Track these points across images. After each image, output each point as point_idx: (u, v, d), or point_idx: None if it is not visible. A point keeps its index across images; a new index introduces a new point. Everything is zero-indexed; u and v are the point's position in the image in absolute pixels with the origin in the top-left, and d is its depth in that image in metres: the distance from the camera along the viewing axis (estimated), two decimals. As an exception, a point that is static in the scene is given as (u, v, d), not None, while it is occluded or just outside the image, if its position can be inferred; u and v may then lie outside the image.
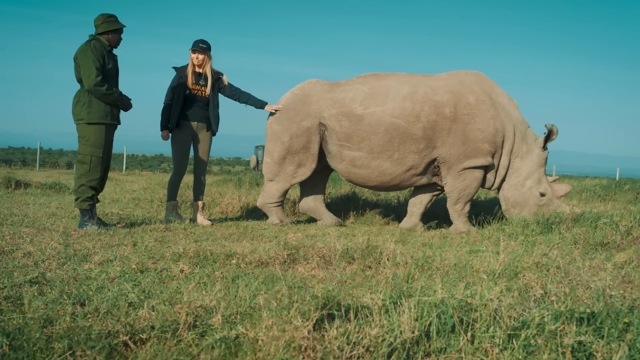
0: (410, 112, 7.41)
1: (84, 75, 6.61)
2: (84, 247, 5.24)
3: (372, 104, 7.52)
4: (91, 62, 6.60)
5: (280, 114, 7.88)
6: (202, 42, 7.72)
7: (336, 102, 7.66)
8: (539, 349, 2.43)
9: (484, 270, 4.38)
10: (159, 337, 2.68)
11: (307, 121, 7.73)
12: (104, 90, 6.63)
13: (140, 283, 3.90)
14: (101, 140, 6.74)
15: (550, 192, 7.63)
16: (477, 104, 7.48)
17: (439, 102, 7.45)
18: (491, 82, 7.89)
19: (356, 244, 5.22)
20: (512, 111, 7.73)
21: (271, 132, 7.92)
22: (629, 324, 2.57)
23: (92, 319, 2.94)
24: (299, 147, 7.74)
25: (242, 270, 4.44)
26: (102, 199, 10.62)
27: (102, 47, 6.73)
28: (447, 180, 7.61)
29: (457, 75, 7.88)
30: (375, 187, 7.92)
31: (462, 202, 7.67)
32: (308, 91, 7.93)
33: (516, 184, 7.67)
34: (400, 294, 2.97)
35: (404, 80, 7.74)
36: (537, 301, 3.33)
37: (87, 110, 6.68)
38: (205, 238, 6.21)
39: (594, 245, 5.65)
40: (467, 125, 7.40)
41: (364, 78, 7.91)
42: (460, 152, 7.41)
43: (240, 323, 2.78)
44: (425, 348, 2.53)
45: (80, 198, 6.73)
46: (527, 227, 6.71)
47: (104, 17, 6.84)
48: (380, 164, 7.53)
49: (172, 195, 7.82)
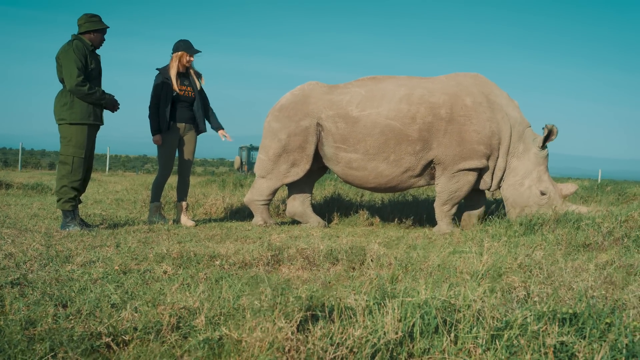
0: (405, 114, 7.44)
1: (66, 75, 6.56)
2: (66, 249, 5.20)
3: (368, 106, 7.57)
4: (73, 62, 6.54)
5: (280, 113, 7.93)
6: (191, 44, 7.71)
7: (333, 104, 7.72)
8: (521, 349, 2.44)
9: (468, 271, 4.40)
10: (142, 339, 2.66)
11: (306, 121, 7.76)
12: (85, 90, 6.57)
13: (123, 284, 3.88)
14: (83, 141, 6.68)
15: (552, 191, 7.52)
16: (473, 105, 7.48)
17: (435, 103, 7.47)
18: (490, 83, 7.90)
19: (340, 245, 5.22)
20: (511, 111, 7.71)
21: (269, 130, 7.95)
22: (611, 325, 2.59)
23: (74, 320, 2.92)
24: (295, 146, 7.76)
25: (226, 271, 4.43)
26: (85, 200, 10.56)
27: (84, 47, 6.68)
28: (440, 180, 7.62)
29: (456, 77, 7.90)
30: (373, 188, 7.95)
31: (450, 204, 7.68)
32: (307, 92, 7.98)
33: (514, 183, 7.63)
34: (384, 295, 2.97)
35: (401, 83, 7.79)
36: (520, 302, 3.35)
37: (69, 110, 6.62)
38: (188, 239, 6.19)
39: (577, 246, 5.69)
40: (463, 126, 7.40)
41: (362, 81, 7.98)
42: (455, 153, 7.42)
43: (224, 324, 2.78)
44: (409, 349, 2.53)
45: (62, 199, 6.67)
46: (510, 228, 6.75)
47: (87, 16, 6.78)
48: (376, 165, 7.56)
49: (156, 197, 7.80)
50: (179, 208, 7.84)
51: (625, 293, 3.46)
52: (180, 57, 7.67)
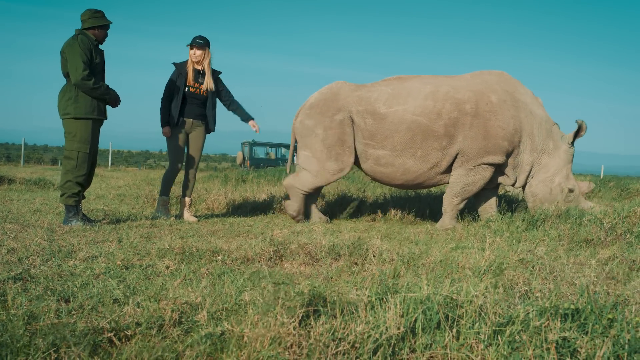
0: (431, 110, 7.52)
1: (71, 69, 6.56)
2: (68, 244, 5.20)
3: (395, 103, 7.65)
4: (78, 56, 6.55)
5: (311, 110, 7.95)
6: (199, 37, 7.72)
7: (362, 100, 7.79)
8: (523, 345, 2.44)
9: (470, 266, 4.40)
10: (144, 334, 2.66)
11: (339, 115, 7.79)
12: (91, 85, 6.57)
13: (125, 279, 3.88)
14: (88, 136, 6.69)
15: (577, 188, 7.71)
16: (498, 102, 7.57)
17: (460, 99, 7.56)
18: (515, 81, 7.98)
19: (342, 241, 5.22)
20: (536, 109, 7.80)
21: (304, 128, 7.95)
22: (613, 320, 2.59)
23: (76, 315, 2.93)
24: (334, 140, 7.76)
25: (228, 266, 4.43)
26: (88, 195, 10.56)
27: (89, 42, 6.68)
28: (457, 172, 7.65)
29: (480, 75, 8.01)
30: (400, 185, 8.00)
31: (460, 197, 7.72)
32: (336, 90, 8.04)
33: (545, 179, 7.74)
34: (386, 290, 2.97)
35: (427, 81, 7.88)
36: (522, 297, 3.35)
37: (74, 105, 6.63)
38: (191, 234, 6.19)
39: (579, 242, 5.69)
40: (489, 121, 7.48)
41: (388, 81, 8.07)
42: (481, 146, 7.48)
43: (226, 319, 2.78)
44: (411, 344, 2.53)
45: (66, 194, 6.68)
46: (512, 223, 6.74)
47: (91, 12, 6.78)
48: (404, 161, 7.62)
49: (165, 191, 7.83)
50: (183, 204, 7.85)
51: (627, 289, 3.45)
52: (189, 51, 7.73)
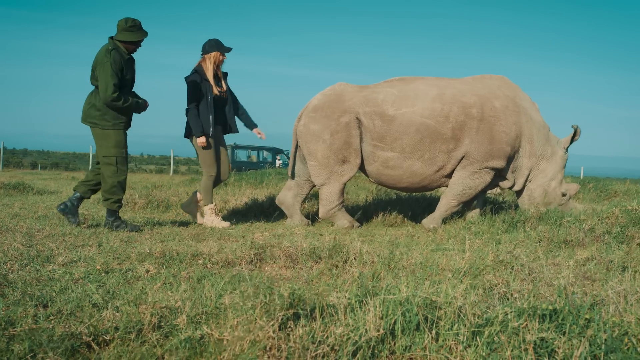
0: (439, 113, 7.58)
1: (101, 88, 6.61)
2: (47, 248, 5.16)
3: (403, 105, 7.67)
4: (109, 76, 6.58)
5: (316, 113, 7.88)
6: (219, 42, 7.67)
7: (369, 101, 7.78)
8: (502, 346, 2.46)
9: (450, 268, 4.42)
10: (123, 338, 2.65)
11: (345, 117, 7.75)
12: (119, 105, 6.67)
13: (104, 284, 3.86)
14: (121, 140, 6.82)
15: (569, 192, 7.92)
16: (502, 108, 7.68)
17: (466, 103, 7.64)
18: (515, 86, 8.13)
19: (323, 243, 5.22)
20: (534, 114, 7.95)
21: (308, 133, 7.88)
22: (590, 320, 2.61)
23: (54, 320, 2.90)
24: (341, 144, 7.72)
25: (209, 270, 4.42)
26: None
27: (120, 59, 6.71)
28: (460, 173, 7.72)
29: (482, 79, 8.12)
30: (404, 188, 8.06)
31: (458, 199, 7.79)
32: (339, 91, 8.01)
33: (543, 184, 7.90)
34: (365, 292, 2.98)
35: (431, 83, 7.94)
36: (501, 299, 3.38)
37: (102, 117, 6.74)
38: (171, 238, 6.17)
39: (558, 243, 5.74)
40: (494, 126, 7.59)
41: (391, 82, 8.09)
42: (487, 150, 7.58)
43: (206, 323, 2.77)
44: (390, 346, 2.54)
45: (110, 199, 6.82)
46: (492, 225, 6.79)
47: (126, 24, 6.76)
48: (411, 164, 7.66)
49: (210, 199, 7.78)
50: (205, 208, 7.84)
51: (604, 289, 3.49)
52: (215, 58, 7.62)
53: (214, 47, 7.58)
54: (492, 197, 10.56)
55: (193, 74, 7.58)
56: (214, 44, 7.59)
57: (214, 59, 7.59)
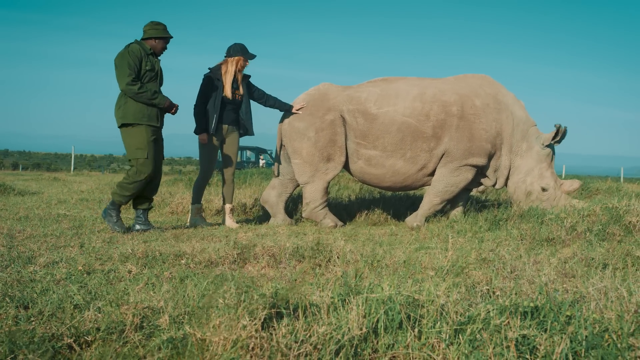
0: (420, 112, 7.65)
1: (118, 77, 6.69)
2: (28, 249, 5.12)
3: (385, 104, 7.75)
4: (125, 63, 6.66)
5: (300, 111, 7.95)
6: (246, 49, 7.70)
7: (352, 99, 7.86)
8: (484, 343, 2.47)
9: (433, 266, 4.43)
10: (105, 339, 2.64)
11: (330, 114, 7.83)
12: (136, 89, 6.65)
13: (86, 285, 3.83)
14: (143, 141, 6.78)
15: (553, 187, 7.82)
16: (482, 106, 7.74)
17: (446, 102, 7.70)
18: (497, 84, 8.17)
19: (306, 243, 5.22)
20: (517, 110, 7.98)
21: (294, 131, 7.92)
22: (571, 317, 2.63)
23: (35, 322, 2.88)
24: (326, 141, 7.78)
25: (192, 270, 4.40)
26: (49, 200, 10.41)
27: (140, 50, 6.78)
28: (441, 171, 7.78)
29: (464, 78, 8.17)
30: (388, 187, 8.11)
31: (441, 197, 7.84)
32: (324, 90, 8.09)
33: (517, 181, 7.93)
34: (348, 291, 2.98)
35: (413, 83, 8.01)
36: (483, 296, 3.39)
37: (122, 111, 6.76)
38: (154, 238, 6.14)
39: (540, 241, 5.77)
40: (473, 124, 7.65)
41: (374, 82, 8.17)
42: (466, 148, 7.64)
43: (188, 323, 2.76)
44: (373, 344, 2.54)
45: (118, 193, 6.85)
46: (475, 223, 6.82)
47: (153, 24, 6.96)
48: (394, 162, 7.73)
49: (197, 198, 7.81)
50: (224, 210, 7.84)
51: (585, 286, 3.52)
52: (237, 62, 7.64)
53: (238, 52, 7.66)
54: (475, 195, 10.60)
55: (207, 73, 7.69)
56: (239, 49, 7.67)
57: (236, 63, 7.65)
